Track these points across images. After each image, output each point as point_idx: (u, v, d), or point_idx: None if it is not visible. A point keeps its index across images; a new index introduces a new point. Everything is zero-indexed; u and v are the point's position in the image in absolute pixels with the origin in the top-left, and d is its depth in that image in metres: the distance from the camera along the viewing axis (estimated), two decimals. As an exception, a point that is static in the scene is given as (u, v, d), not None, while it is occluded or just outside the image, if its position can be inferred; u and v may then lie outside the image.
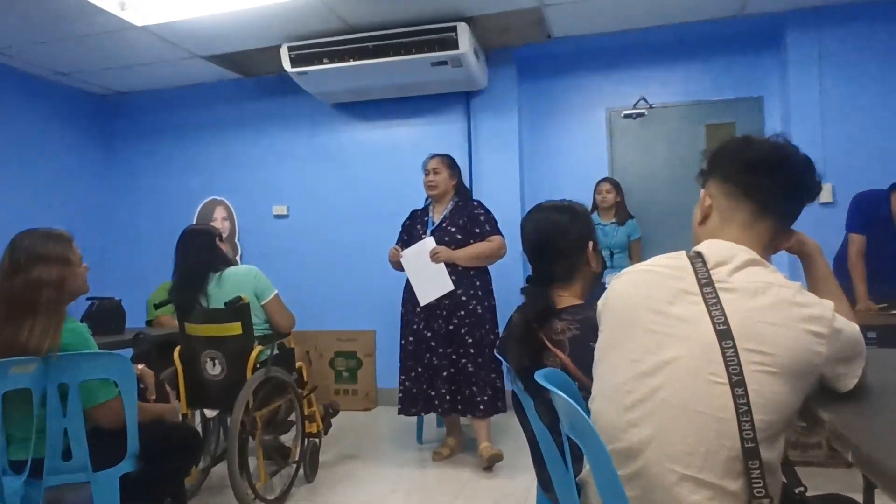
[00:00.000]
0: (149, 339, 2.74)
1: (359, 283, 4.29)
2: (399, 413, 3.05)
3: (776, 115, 3.82)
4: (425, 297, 2.95)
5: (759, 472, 0.84)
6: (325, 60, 3.69)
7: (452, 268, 2.96)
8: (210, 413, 2.63)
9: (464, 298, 2.95)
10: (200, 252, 2.57)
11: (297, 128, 4.46)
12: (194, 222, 4.61)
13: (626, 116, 4.09)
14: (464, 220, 3.04)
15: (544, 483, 1.45)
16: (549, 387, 0.96)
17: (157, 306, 3.05)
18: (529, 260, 1.56)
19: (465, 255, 2.97)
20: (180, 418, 2.39)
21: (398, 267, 3.09)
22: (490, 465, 2.84)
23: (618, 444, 0.94)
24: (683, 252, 1.01)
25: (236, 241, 4.51)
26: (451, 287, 2.92)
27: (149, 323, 3.56)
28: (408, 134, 4.26)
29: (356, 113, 4.35)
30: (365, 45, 3.61)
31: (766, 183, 1.02)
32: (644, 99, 4.03)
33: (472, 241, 3.01)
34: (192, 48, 3.88)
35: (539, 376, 1.06)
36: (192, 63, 4.14)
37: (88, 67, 4.16)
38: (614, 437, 0.94)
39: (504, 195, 3.98)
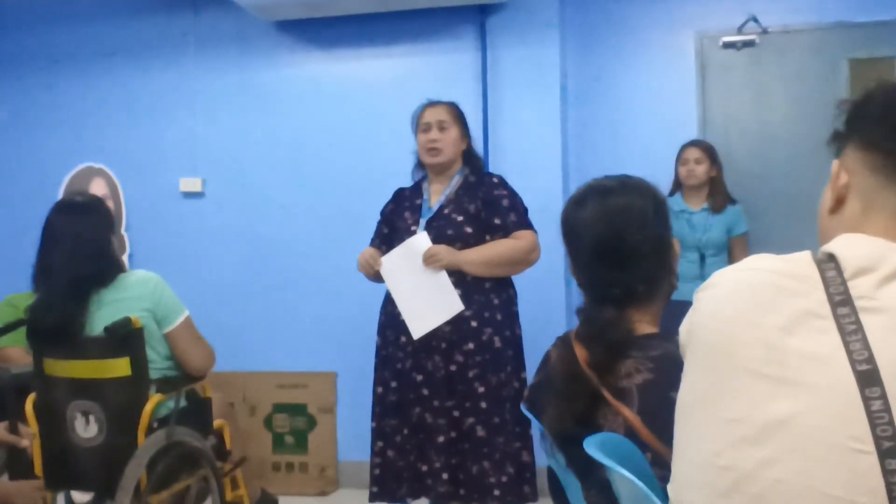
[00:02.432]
0: (9, 376, 2.77)
1: (313, 300, 4.30)
2: (373, 499, 3.05)
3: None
4: (420, 325, 2.95)
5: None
6: (262, -45, 3.71)
7: (458, 278, 2.97)
8: (80, 498, 2.64)
9: (474, 324, 2.97)
10: (86, 248, 2.56)
11: (218, 58, 4.48)
12: (60, 198, 4.60)
13: (727, 46, 4.10)
14: (476, 206, 3.05)
15: None
16: (605, 461, 0.98)
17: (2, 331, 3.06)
18: (585, 269, 1.58)
19: (479, 258, 2.99)
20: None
21: (375, 278, 3.11)
22: (511, 581, 2.86)
23: (710, 550, 0.95)
24: (808, 253, 1.02)
25: (122, 231, 4.53)
26: (459, 307, 2.94)
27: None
28: (390, 70, 4.27)
29: (309, 35, 4.36)
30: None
31: None
32: (755, 19, 4.04)
33: (488, 238, 3.03)
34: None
35: (591, 445, 1.07)
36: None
37: None
38: (705, 538, 0.95)
39: (538, 167, 4.00)
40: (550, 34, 4.09)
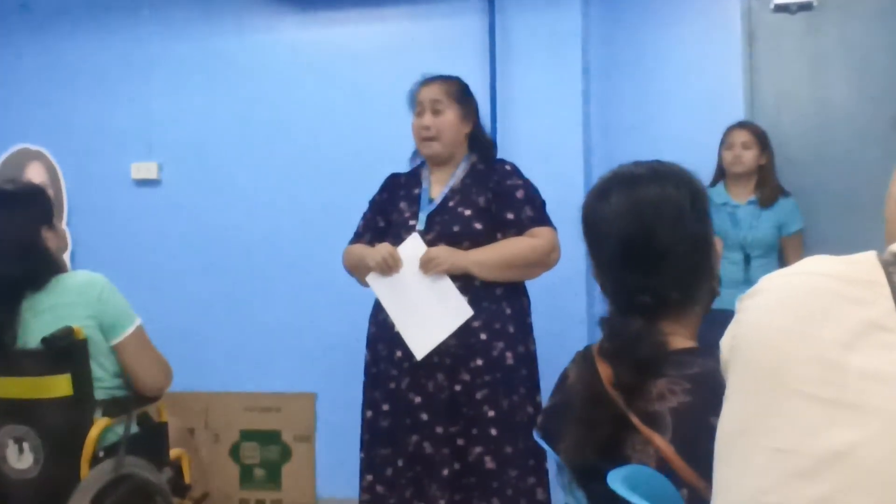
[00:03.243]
0: None
1: (289, 307, 4.32)
2: (359, 543, 3.07)
3: None
4: (423, 342, 2.95)
5: None
6: None
7: (464, 283, 2.98)
8: (13, 540, 2.65)
9: (483, 337, 2.98)
10: (11, 246, 2.56)
11: (179, 22, 4.49)
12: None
13: (780, 9, 4.10)
14: (486, 198, 3.07)
15: None
16: (633, 499, 0.98)
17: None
18: (610, 272, 1.58)
19: (491, 259, 3.00)
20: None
21: (361, 277, 3.12)
22: None
23: None
24: (874, 254, 1.03)
25: (63, 225, 4.54)
26: (468, 312, 2.94)
27: None
28: (381, 37, 4.28)
29: (287, -4, 4.38)
30: None
31: None
32: (812, -22, 4.06)
33: (499, 236, 3.04)
34: None
35: (616, 480, 1.08)
36: None
37: None
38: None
39: (555, 151, 4.01)
40: (570, -2, 4.10)
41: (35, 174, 4.61)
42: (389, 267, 2.99)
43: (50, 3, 4.62)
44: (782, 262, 3.85)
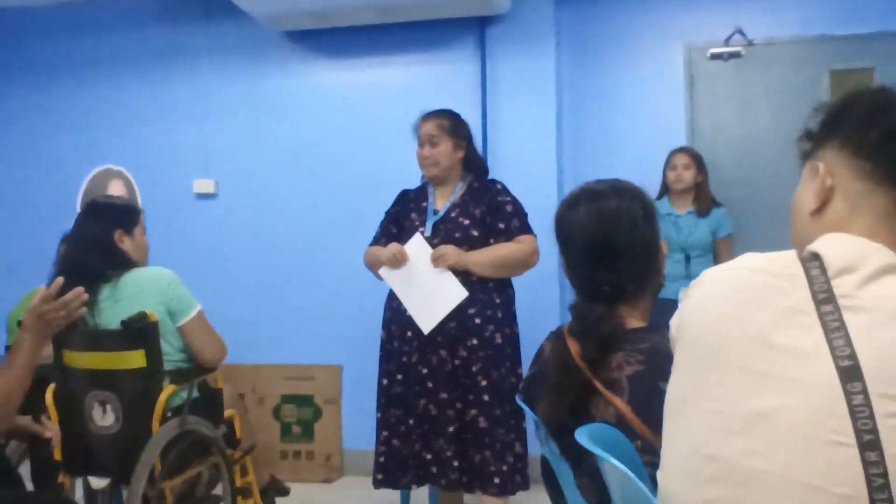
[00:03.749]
0: (39, 367, 2.77)
1: (319, 296, 4.30)
2: (378, 486, 3.06)
3: (934, 58, 3.83)
4: (429, 318, 2.96)
5: (900, 575, 0.85)
6: (273, -32, 3.70)
7: (464, 278, 2.98)
8: (97, 483, 2.63)
9: (478, 321, 2.97)
10: (85, 250, 2.58)
11: (230, 67, 4.48)
12: (79, 202, 4.63)
13: (714, 58, 4.10)
14: (482, 210, 3.06)
15: (586, 590, 1.46)
16: (596, 450, 0.97)
17: (21, 325, 3.06)
18: (578, 268, 1.58)
19: (485, 259, 2.99)
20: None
21: (378, 269, 3.11)
22: (507, 564, 2.86)
23: (696, 535, 0.95)
24: (793, 252, 1.02)
25: (142, 233, 4.51)
26: (465, 293, 2.94)
27: (8, 349, 3.57)
28: (394, 79, 4.27)
29: (318, 45, 4.36)
30: (332, -54, 3.62)
31: None
32: (740, 32, 4.04)
33: (492, 241, 3.03)
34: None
35: (582, 435, 1.07)
36: (78, -31, 4.15)
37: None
38: (691, 524, 0.95)
39: (533, 171, 4.00)
40: (546, 46, 4.09)
41: (116, 189, 4.61)
42: (398, 261, 3.00)
43: (126, 54, 4.61)
44: (716, 260, 3.85)
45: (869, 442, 0.86)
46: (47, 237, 4.13)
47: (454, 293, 2.95)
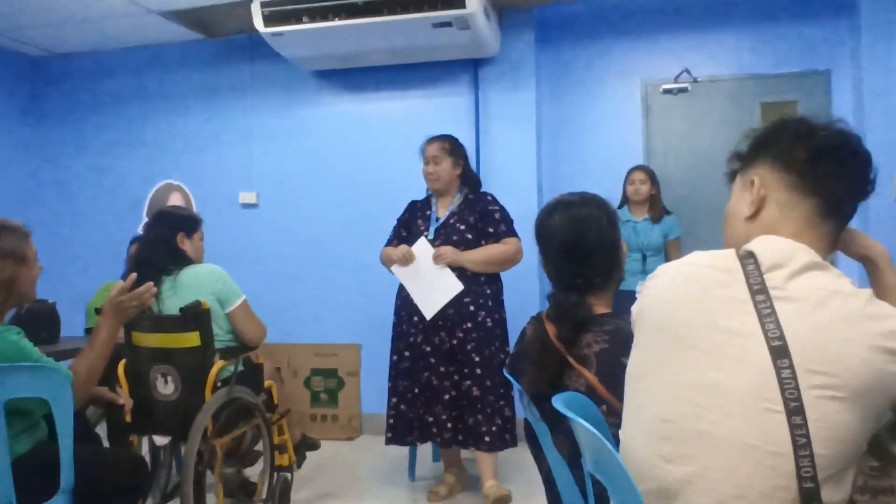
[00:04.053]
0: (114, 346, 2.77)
1: (341, 286, 4.30)
2: (388, 442, 3.05)
3: (846, 92, 3.82)
4: (431, 306, 2.96)
5: (819, 518, 0.84)
6: (304, 19, 3.69)
7: (459, 273, 2.98)
8: (160, 440, 2.63)
9: (472, 308, 2.97)
10: (152, 248, 2.60)
11: (269, 99, 4.48)
12: (145, 210, 4.62)
13: (666, 92, 4.09)
14: (475, 217, 3.06)
15: (562, 530, 1.45)
16: (569, 414, 0.97)
17: (98, 311, 3.05)
18: (554, 264, 1.57)
19: (478, 258, 2.99)
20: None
21: (391, 266, 3.10)
22: (496, 508, 2.85)
23: (651, 484, 0.94)
24: (732, 251, 1.02)
25: (199, 238, 4.50)
26: (460, 287, 2.94)
27: (88, 332, 3.57)
28: (403, 109, 4.27)
29: (341, 82, 4.36)
30: (353, 0, 3.61)
31: (837, 177, 1.03)
32: (687, 71, 4.04)
33: (483, 242, 3.03)
34: (146, 2, 3.88)
35: (558, 401, 1.06)
36: (145, 20, 4.14)
37: (20, 23, 4.16)
38: (647, 475, 0.94)
39: (518, 185, 3.99)
40: (528, 83, 4.08)
41: (175, 200, 4.60)
42: (406, 260, 3.01)
43: (184, 90, 4.61)
44: (667, 258, 3.84)
45: (795, 408, 0.86)
46: (118, 240, 4.13)
47: (451, 286, 2.95)
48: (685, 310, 0.98)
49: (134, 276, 2.08)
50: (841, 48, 3.84)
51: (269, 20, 3.74)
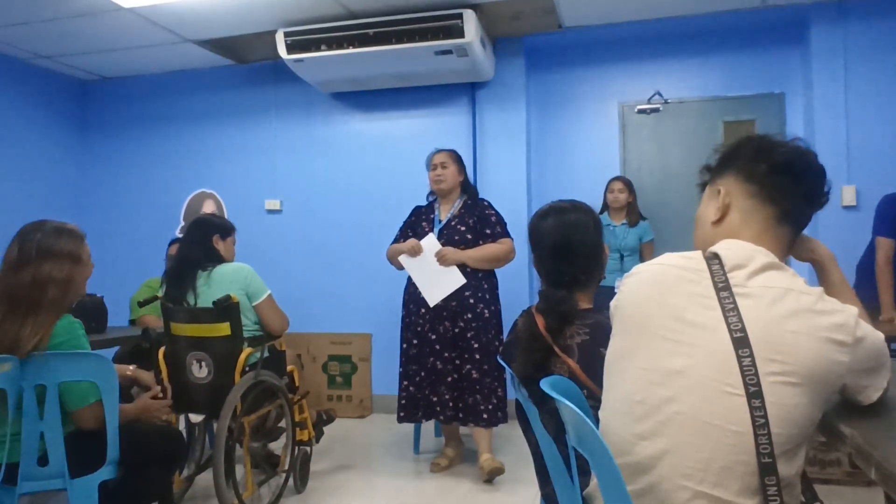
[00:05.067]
0: (156, 334, 2.77)
1: (354, 283, 4.29)
2: (400, 420, 3.05)
3: (798, 112, 3.82)
4: (435, 296, 2.97)
5: (776, 488, 0.84)
6: (322, 47, 3.69)
7: (460, 269, 2.99)
8: (195, 418, 2.63)
9: (471, 301, 2.97)
10: (191, 247, 2.61)
11: (291, 118, 4.47)
12: (182, 216, 4.62)
13: (640, 112, 4.09)
14: (474, 220, 3.06)
15: (548, 498, 1.45)
16: (554, 395, 0.96)
17: (140, 304, 3.06)
18: (545, 263, 1.57)
19: (476, 256, 2.99)
20: (169, 416, 2.40)
21: (397, 264, 3.10)
22: (491, 478, 2.84)
23: (627, 458, 0.94)
24: (699, 252, 1.02)
25: (231, 241, 4.50)
26: (462, 280, 2.94)
27: (132, 322, 3.57)
28: (409, 126, 4.26)
29: (354, 103, 4.35)
30: (365, 31, 3.61)
31: (793, 189, 1.03)
32: (659, 94, 4.04)
33: (481, 242, 3.03)
34: (183, 32, 3.89)
35: (545, 384, 1.06)
36: (181, 48, 4.15)
37: (71, 50, 4.17)
38: (624, 450, 0.94)
39: (510, 193, 3.99)
40: (520, 104, 4.07)
41: (208, 207, 4.59)
42: (415, 252, 3.00)
43: (216, 109, 4.60)
44: (641, 259, 3.83)
45: (754, 392, 0.86)
46: (158, 241, 4.13)
47: (455, 279, 2.95)
48: (657, 304, 0.98)
49: (158, 388, 2.08)
50: (794, 73, 3.84)
51: (291, 48, 3.74)
